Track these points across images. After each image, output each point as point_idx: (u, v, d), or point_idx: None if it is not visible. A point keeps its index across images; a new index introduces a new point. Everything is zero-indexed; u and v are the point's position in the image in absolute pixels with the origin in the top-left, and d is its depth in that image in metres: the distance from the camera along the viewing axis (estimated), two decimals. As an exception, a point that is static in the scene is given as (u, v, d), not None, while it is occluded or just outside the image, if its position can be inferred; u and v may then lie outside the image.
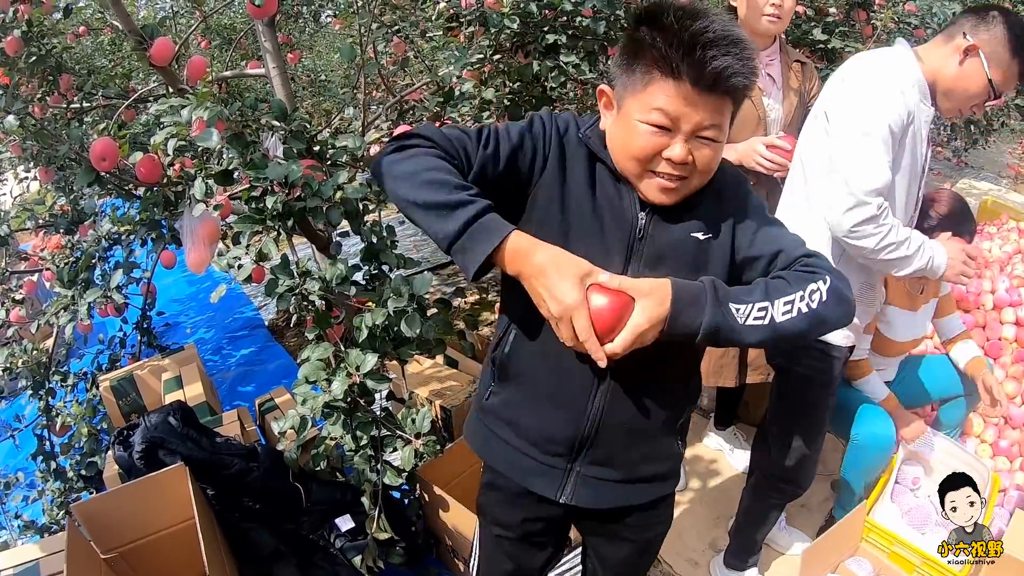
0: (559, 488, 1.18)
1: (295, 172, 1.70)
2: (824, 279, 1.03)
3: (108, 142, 2.09)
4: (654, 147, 0.99)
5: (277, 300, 1.66)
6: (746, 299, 0.99)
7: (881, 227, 1.45)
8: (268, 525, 1.79)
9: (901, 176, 1.53)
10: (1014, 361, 2.75)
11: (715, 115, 0.97)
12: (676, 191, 1.03)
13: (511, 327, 1.18)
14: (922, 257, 1.51)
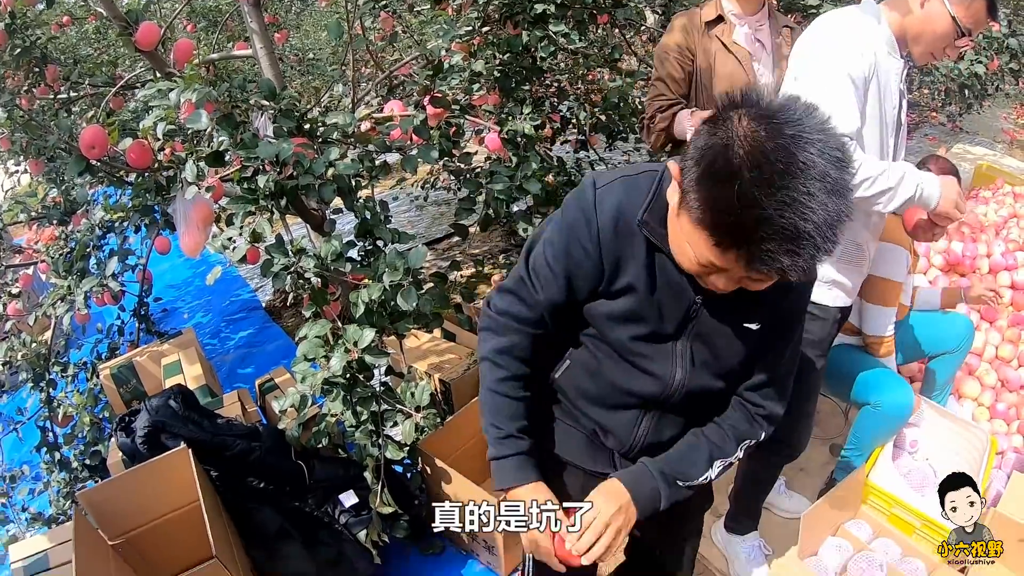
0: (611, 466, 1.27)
1: (286, 150, 1.70)
2: (762, 433, 1.22)
3: (97, 130, 2.08)
4: (701, 274, 0.98)
5: (273, 279, 1.66)
6: (692, 474, 1.16)
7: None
8: (272, 503, 1.79)
9: (870, 129, 1.51)
10: (1010, 324, 2.77)
11: (758, 286, 0.96)
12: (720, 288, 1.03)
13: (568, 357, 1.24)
14: (908, 187, 1.46)
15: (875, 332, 2.08)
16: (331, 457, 1.88)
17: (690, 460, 1.16)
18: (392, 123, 1.96)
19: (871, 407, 2.02)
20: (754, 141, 0.81)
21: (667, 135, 2.03)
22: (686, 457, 1.16)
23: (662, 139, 2.04)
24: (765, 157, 0.80)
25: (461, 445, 2.00)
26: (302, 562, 1.77)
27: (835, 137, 0.84)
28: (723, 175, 0.83)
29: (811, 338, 1.68)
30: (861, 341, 2.16)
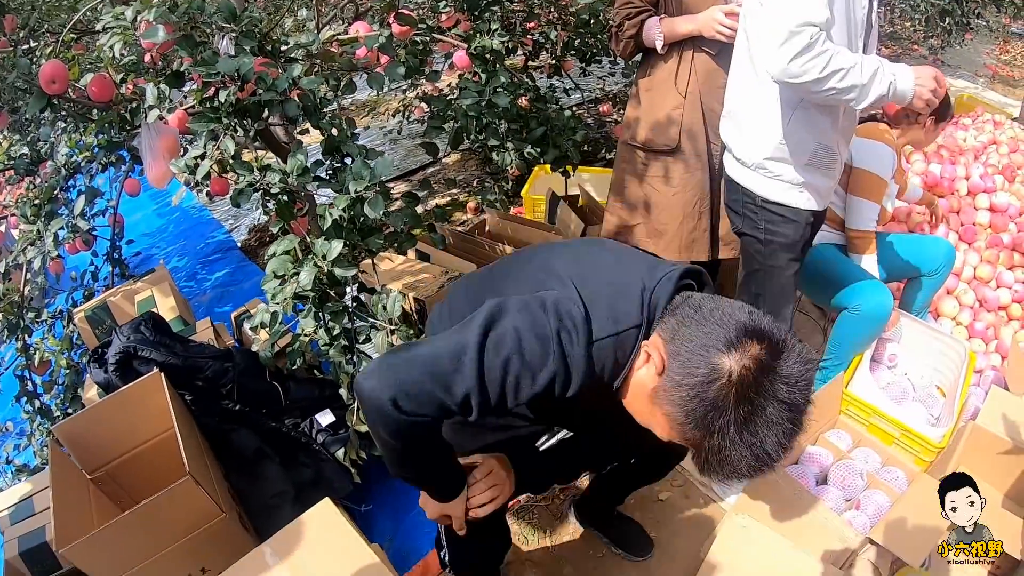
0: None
1: (247, 64, 1.65)
2: None
3: (57, 64, 2.02)
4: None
5: (238, 197, 1.62)
6: None
7: (820, 54, 1.38)
8: (249, 425, 1.79)
9: (838, 29, 1.48)
10: (988, 246, 2.78)
11: None
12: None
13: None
14: (880, 82, 1.44)
15: (857, 225, 2.09)
16: (306, 377, 1.87)
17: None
18: (357, 43, 1.91)
19: (849, 311, 2.03)
20: (753, 382, 0.91)
21: (635, 43, 2.00)
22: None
23: (631, 47, 2.02)
24: (752, 401, 0.91)
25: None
26: (281, 483, 1.77)
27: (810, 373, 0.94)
28: (715, 404, 0.92)
29: (783, 240, 1.68)
30: (844, 238, 2.17)
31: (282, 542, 1.43)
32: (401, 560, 1.87)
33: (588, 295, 1.03)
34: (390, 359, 1.02)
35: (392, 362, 1.01)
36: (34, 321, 2.57)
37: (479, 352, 0.98)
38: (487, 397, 1.00)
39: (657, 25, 1.94)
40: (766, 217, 1.69)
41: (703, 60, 1.98)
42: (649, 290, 1.03)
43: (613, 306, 1.03)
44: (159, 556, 1.56)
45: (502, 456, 1.27)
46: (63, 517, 1.57)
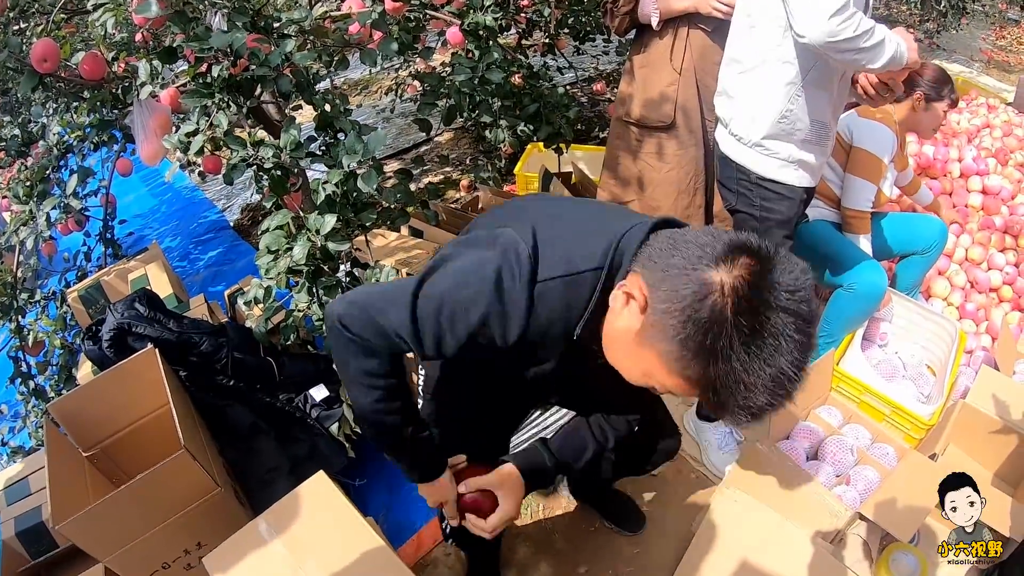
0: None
1: (239, 40, 1.65)
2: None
3: (48, 42, 2.01)
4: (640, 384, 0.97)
5: (231, 171, 1.62)
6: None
7: (854, 15, 1.42)
8: (243, 401, 1.79)
9: None
10: (980, 228, 2.80)
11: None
12: None
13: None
14: (891, 43, 1.48)
15: (854, 205, 2.10)
16: (300, 353, 1.87)
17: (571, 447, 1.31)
18: (350, 19, 1.90)
19: (844, 289, 2.04)
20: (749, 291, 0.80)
21: (631, 19, 2.00)
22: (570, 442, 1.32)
23: (626, 23, 2.02)
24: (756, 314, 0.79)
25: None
26: (276, 457, 1.78)
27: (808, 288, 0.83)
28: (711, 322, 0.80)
29: (778, 217, 1.69)
30: (839, 216, 2.18)
31: (277, 515, 1.44)
32: (396, 534, 1.89)
33: (546, 237, 0.96)
34: (356, 289, 1.08)
35: (355, 290, 1.07)
36: (27, 302, 2.56)
37: (420, 281, 0.98)
38: (420, 329, 0.96)
39: (653, 1, 1.94)
40: (762, 195, 1.70)
41: (698, 37, 1.98)
42: (618, 236, 0.95)
43: (570, 249, 0.96)
44: (155, 531, 1.56)
45: (513, 471, 1.26)
46: (59, 495, 1.57)
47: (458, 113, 1.91)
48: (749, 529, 1.74)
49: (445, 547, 1.77)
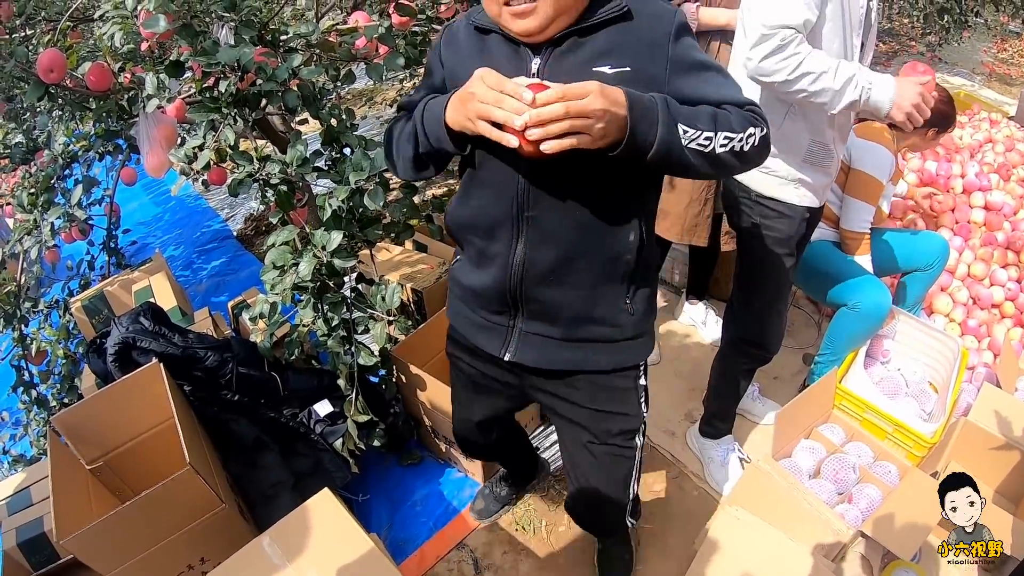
0: (503, 345, 1.23)
1: (247, 55, 1.65)
2: (762, 127, 1.04)
3: (55, 52, 2.02)
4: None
5: (237, 187, 1.62)
6: (695, 123, 0.97)
7: (790, 57, 1.40)
8: (248, 415, 1.79)
9: (831, 26, 1.48)
10: (982, 244, 2.80)
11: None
12: (528, 15, 0.99)
13: (459, 189, 1.21)
14: (854, 90, 1.43)
15: (851, 227, 2.10)
16: (304, 368, 1.87)
17: (692, 112, 1.00)
18: (357, 33, 1.90)
19: (848, 308, 2.04)
20: None
21: None
22: (688, 109, 1.00)
23: None
24: None
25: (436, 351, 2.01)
26: (280, 472, 1.78)
27: None
28: None
29: (778, 236, 1.69)
30: (838, 236, 2.18)
31: (281, 532, 1.44)
32: (398, 549, 1.89)
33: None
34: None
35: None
36: (31, 311, 2.56)
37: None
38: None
39: (693, 12, 1.97)
40: (761, 212, 1.70)
41: (727, 52, 2.01)
42: None
43: None
44: (159, 546, 1.57)
45: (603, 89, 0.93)
46: (63, 508, 1.57)
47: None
48: (751, 547, 1.74)
49: (448, 562, 1.77)
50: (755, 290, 1.78)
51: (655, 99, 0.96)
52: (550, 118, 0.89)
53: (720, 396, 2.00)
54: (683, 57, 1.04)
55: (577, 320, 1.17)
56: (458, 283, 1.28)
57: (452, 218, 1.23)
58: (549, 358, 1.21)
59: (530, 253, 1.11)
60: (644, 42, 1.04)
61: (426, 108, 1.08)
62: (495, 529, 1.94)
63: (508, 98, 0.91)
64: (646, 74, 1.02)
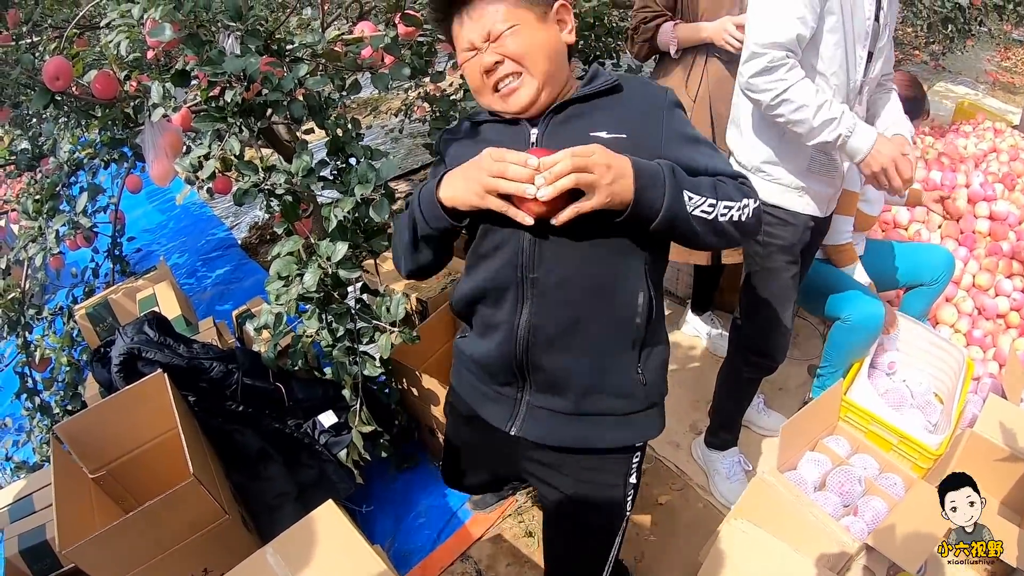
0: (510, 418, 1.19)
1: (253, 64, 1.65)
2: (756, 199, 1.08)
3: (61, 60, 2.02)
4: (475, 71, 1.07)
5: (242, 196, 1.62)
6: (699, 190, 1.00)
7: (777, 81, 1.42)
8: (252, 426, 1.79)
9: (830, 40, 1.48)
10: (987, 254, 2.80)
11: (494, 14, 1.04)
12: (519, 91, 1.07)
13: (463, 271, 1.22)
14: (831, 132, 1.43)
15: (832, 241, 2.11)
16: (309, 378, 1.87)
17: (695, 180, 1.02)
18: (363, 43, 1.91)
19: (841, 322, 2.05)
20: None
21: (650, 46, 2.03)
22: (689, 177, 1.03)
23: (645, 49, 2.05)
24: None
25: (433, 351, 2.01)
26: (283, 483, 1.78)
27: None
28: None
29: (781, 243, 1.69)
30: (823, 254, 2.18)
31: (284, 544, 1.43)
32: (402, 561, 1.88)
33: None
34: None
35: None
36: (35, 318, 2.56)
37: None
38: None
39: (671, 30, 1.97)
40: (765, 220, 1.70)
41: (715, 66, 2.00)
42: None
43: None
44: (162, 557, 1.56)
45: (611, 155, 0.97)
46: (65, 517, 1.57)
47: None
48: (756, 560, 1.73)
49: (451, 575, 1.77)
50: (760, 299, 1.77)
51: (661, 165, 0.99)
52: (559, 173, 0.92)
53: (725, 406, 2.00)
54: (677, 129, 1.09)
55: (586, 391, 1.14)
56: (464, 354, 1.28)
57: (458, 295, 1.22)
58: (557, 435, 1.18)
59: (535, 318, 1.10)
60: (638, 112, 1.09)
61: (420, 192, 1.12)
62: (499, 541, 1.94)
63: (512, 166, 0.95)
64: (642, 142, 1.06)
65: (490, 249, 1.11)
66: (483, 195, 0.99)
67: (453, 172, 1.06)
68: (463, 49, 1.08)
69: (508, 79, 1.06)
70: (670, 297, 2.91)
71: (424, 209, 1.10)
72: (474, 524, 1.97)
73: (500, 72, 1.06)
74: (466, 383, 1.28)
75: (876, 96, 1.70)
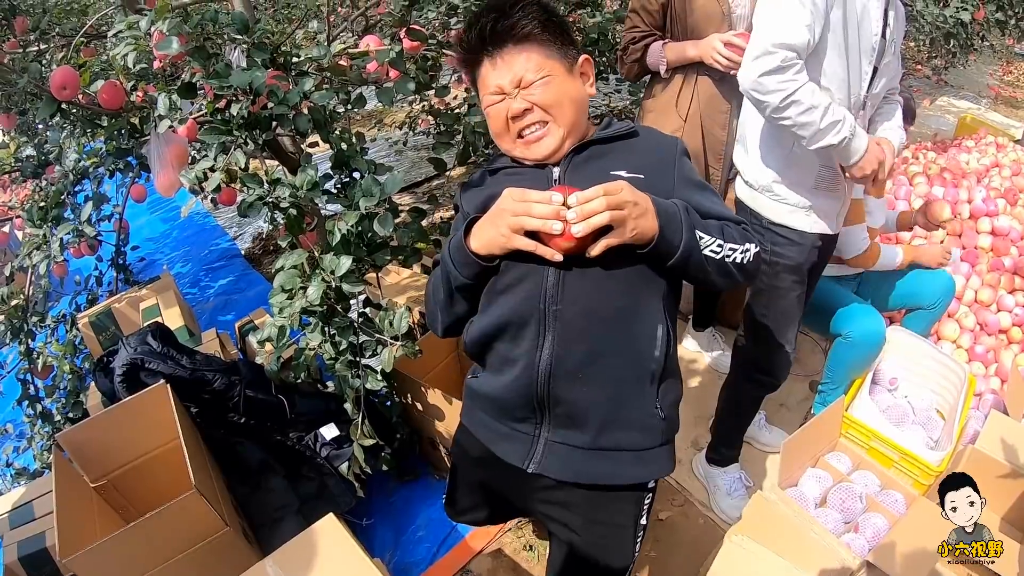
0: (528, 455, 1.18)
1: (259, 78, 1.66)
2: (757, 244, 1.12)
3: (68, 70, 2.04)
4: (501, 116, 1.11)
5: (247, 209, 1.63)
6: (709, 231, 1.05)
7: (787, 82, 1.41)
8: (254, 438, 1.79)
9: (833, 54, 1.49)
10: (989, 269, 2.80)
11: (525, 62, 1.08)
12: (543, 139, 1.12)
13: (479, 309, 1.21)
14: (836, 135, 1.45)
15: (853, 252, 2.11)
16: (312, 391, 1.87)
17: (704, 222, 1.08)
18: (368, 57, 1.92)
19: (842, 338, 2.05)
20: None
21: (640, 66, 2.03)
22: (700, 219, 1.08)
23: (635, 70, 2.05)
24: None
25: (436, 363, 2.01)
26: (285, 496, 1.78)
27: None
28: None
29: (789, 263, 1.69)
30: (837, 269, 2.18)
31: (285, 556, 1.44)
32: (402, 574, 1.88)
33: None
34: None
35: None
36: (38, 325, 2.57)
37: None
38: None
39: (660, 50, 1.96)
40: (771, 239, 1.70)
41: (706, 84, 1.99)
42: None
43: None
44: (162, 568, 1.56)
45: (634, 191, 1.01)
46: (66, 526, 1.57)
47: (472, 151, 1.92)
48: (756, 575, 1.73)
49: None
50: (765, 318, 1.78)
51: (676, 204, 1.04)
52: (592, 211, 0.95)
53: (727, 423, 2.00)
54: (687, 176, 1.15)
55: (605, 424, 1.14)
56: (476, 394, 1.26)
57: (475, 334, 1.19)
58: (574, 470, 1.16)
59: (558, 349, 1.09)
60: (653, 156, 1.15)
61: (449, 247, 1.14)
62: (499, 555, 1.94)
63: (537, 205, 0.97)
64: (657, 183, 1.10)
65: (509, 284, 1.11)
66: (510, 236, 1.01)
67: (480, 221, 1.08)
68: (490, 92, 1.10)
69: (534, 127, 1.10)
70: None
71: (455, 261, 1.11)
72: (474, 538, 1.97)
73: (528, 119, 1.10)
74: (478, 422, 1.27)
75: (880, 107, 1.72)
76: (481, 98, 1.14)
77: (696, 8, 1.90)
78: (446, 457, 2.01)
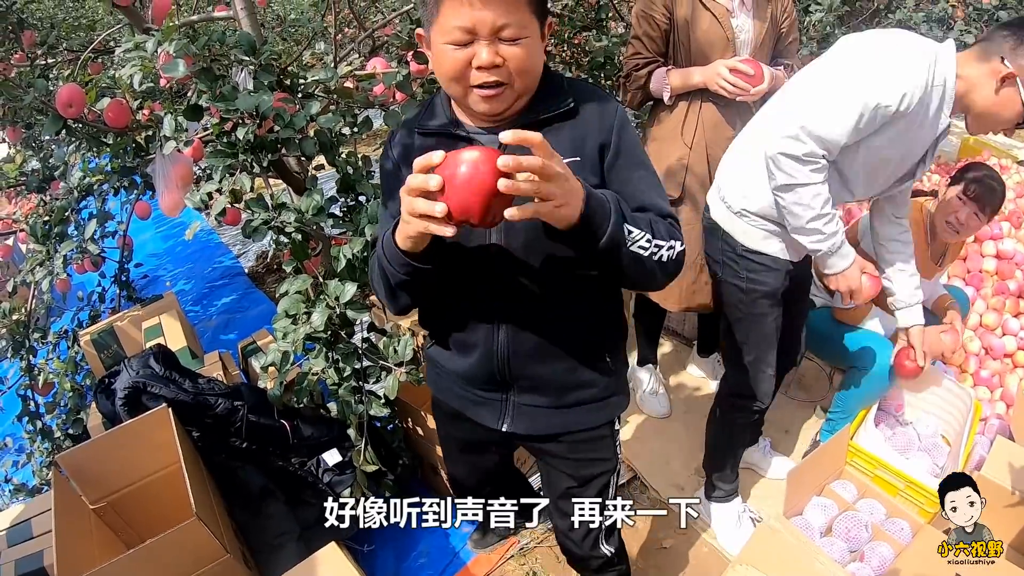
0: (500, 417, 1.28)
1: (266, 102, 1.66)
2: (681, 242, 1.08)
3: (74, 88, 2.04)
4: (462, 62, 0.97)
5: (252, 233, 1.62)
6: (638, 224, 1.00)
7: (799, 173, 1.45)
8: (256, 464, 1.78)
9: (864, 163, 1.52)
10: (994, 293, 2.79)
11: (508, 13, 0.95)
12: (498, 98, 1.00)
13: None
14: (816, 244, 1.54)
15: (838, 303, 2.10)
16: (314, 416, 1.86)
17: (634, 215, 1.02)
18: (375, 80, 1.92)
19: (857, 369, 2.03)
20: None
21: (643, 93, 2.01)
22: (632, 213, 1.03)
23: (639, 97, 2.03)
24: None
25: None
26: (286, 522, 1.76)
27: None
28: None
29: (765, 289, 1.72)
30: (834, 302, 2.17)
31: (287, 585, 1.43)
32: (403, 601, 1.86)
33: None
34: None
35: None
36: (39, 341, 2.56)
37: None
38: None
39: (664, 77, 1.95)
40: (748, 266, 1.71)
41: (710, 111, 1.98)
42: None
43: None
44: (162, 594, 1.55)
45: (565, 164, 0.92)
46: (65, 549, 1.56)
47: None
48: (762, 607, 1.71)
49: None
50: (744, 345, 1.79)
51: (607, 195, 0.98)
52: (528, 166, 0.85)
53: (720, 455, 1.98)
54: (622, 150, 1.09)
55: (564, 388, 1.24)
56: (440, 366, 1.31)
57: (427, 323, 1.28)
58: (542, 424, 1.28)
59: (513, 336, 1.17)
60: (592, 130, 1.08)
61: (383, 242, 1.05)
62: (501, 581, 1.92)
63: (416, 176, 0.88)
64: (590, 161, 1.07)
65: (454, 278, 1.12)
66: (410, 220, 0.90)
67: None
68: (456, 27, 0.95)
69: (492, 87, 0.99)
70: (677, 338, 2.89)
71: (388, 257, 1.03)
72: (476, 564, 1.95)
73: (492, 76, 0.98)
74: (446, 389, 1.34)
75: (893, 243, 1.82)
76: (434, 29, 0.98)
77: (699, 34, 1.90)
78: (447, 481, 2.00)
